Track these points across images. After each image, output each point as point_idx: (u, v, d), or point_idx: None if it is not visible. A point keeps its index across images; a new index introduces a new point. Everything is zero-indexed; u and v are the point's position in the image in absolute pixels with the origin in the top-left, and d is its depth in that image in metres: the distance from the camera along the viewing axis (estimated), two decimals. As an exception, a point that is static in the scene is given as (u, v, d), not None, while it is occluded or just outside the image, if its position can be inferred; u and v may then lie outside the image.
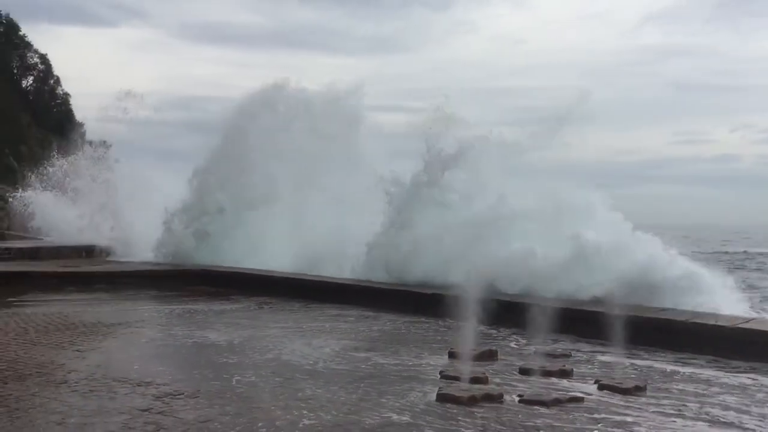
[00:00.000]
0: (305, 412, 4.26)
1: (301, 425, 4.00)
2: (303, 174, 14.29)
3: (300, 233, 13.45)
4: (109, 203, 17.40)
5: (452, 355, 5.91)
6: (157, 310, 8.91)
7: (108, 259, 14.87)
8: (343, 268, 11.59)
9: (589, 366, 5.75)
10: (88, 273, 11.91)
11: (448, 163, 10.93)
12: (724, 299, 8.09)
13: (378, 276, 10.44)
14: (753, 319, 7.03)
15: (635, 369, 5.68)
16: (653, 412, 4.44)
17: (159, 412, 4.21)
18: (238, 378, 5.08)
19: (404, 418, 4.16)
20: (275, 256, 12.88)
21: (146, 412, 4.20)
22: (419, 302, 8.75)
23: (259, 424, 3.99)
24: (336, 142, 14.61)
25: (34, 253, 14.87)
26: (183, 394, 4.64)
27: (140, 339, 6.84)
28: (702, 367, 5.80)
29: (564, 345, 6.61)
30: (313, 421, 4.07)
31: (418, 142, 11.55)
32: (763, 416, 4.42)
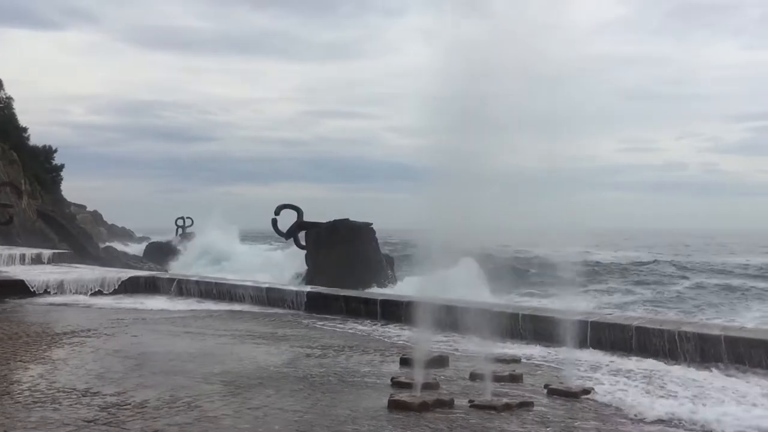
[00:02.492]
0: (255, 421, 4.22)
1: (251, 434, 3.96)
2: None
3: None
4: None
5: (404, 362, 5.92)
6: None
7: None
8: None
9: (539, 370, 5.82)
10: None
11: None
12: None
13: None
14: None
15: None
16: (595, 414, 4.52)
17: (105, 423, 4.12)
18: (187, 387, 5.00)
19: (355, 426, 4.15)
20: None
21: (92, 423, 4.11)
22: (371, 307, 8.77)
23: (209, 434, 3.95)
24: None
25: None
26: (130, 404, 4.56)
27: (86, 348, 6.69)
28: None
29: (513, 349, 6.68)
30: (262, 430, 4.03)
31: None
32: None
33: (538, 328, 7.26)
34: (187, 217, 46.96)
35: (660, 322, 7.16)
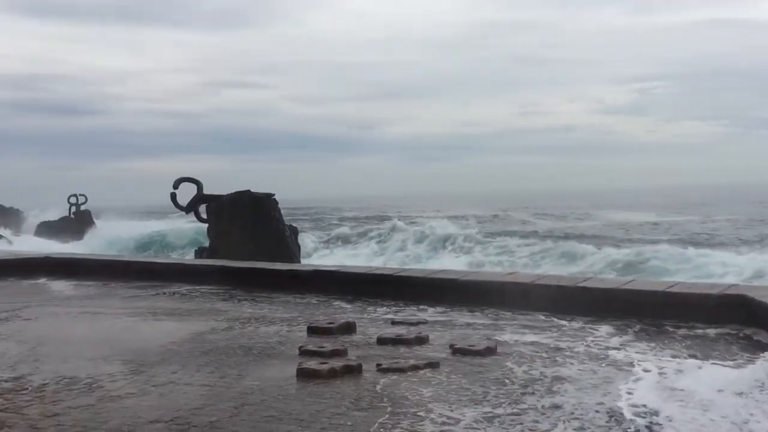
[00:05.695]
0: (162, 398, 4.15)
1: (157, 412, 3.89)
2: None
3: None
4: None
5: (311, 330, 5.93)
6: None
7: None
8: None
9: (444, 331, 5.95)
10: None
11: None
12: None
13: None
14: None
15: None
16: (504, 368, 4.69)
17: (1, 410, 3.96)
18: (87, 368, 4.85)
19: (263, 397, 4.14)
20: None
21: (-14, 411, 3.94)
22: (274, 278, 8.72)
23: (112, 415, 3.85)
24: None
25: None
26: (27, 389, 4.39)
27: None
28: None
29: (415, 312, 6.80)
30: (171, 407, 3.97)
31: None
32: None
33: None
34: (81, 194, 45.22)
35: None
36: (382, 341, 5.52)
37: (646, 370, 4.65)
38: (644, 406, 3.92)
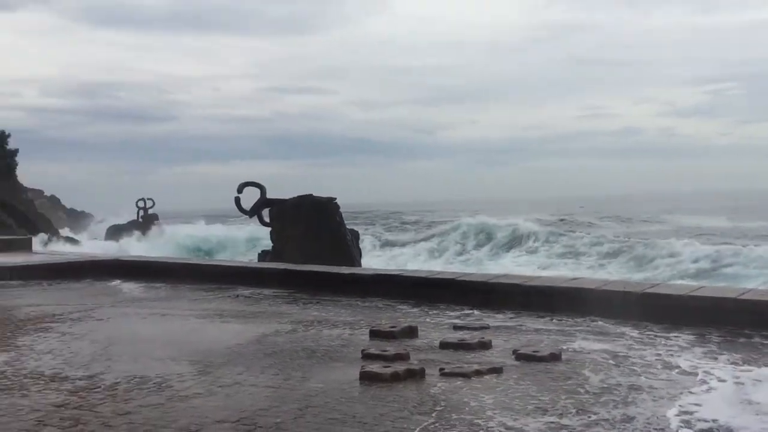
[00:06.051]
0: (228, 399, 4.22)
1: (224, 413, 3.97)
2: None
3: None
4: None
5: (374, 334, 5.96)
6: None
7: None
8: None
9: (508, 336, 5.90)
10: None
11: None
12: None
13: None
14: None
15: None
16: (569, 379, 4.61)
17: (75, 407, 4.09)
18: (157, 368, 4.98)
19: (327, 399, 4.18)
20: None
21: (62, 408, 4.08)
22: (337, 282, 8.79)
23: (181, 414, 3.94)
24: None
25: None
26: (100, 387, 4.53)
27: (51, 334, 6.60)
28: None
29: (479, 317, 6.76)
30: (237, 408, 4.04)
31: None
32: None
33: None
34: (148, 198, 46.49)
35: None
36: (444, 345, 5.50)
37: (721, 380, 4.50)
38: (714, 420, 3.76)
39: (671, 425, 3.69)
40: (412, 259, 32.96)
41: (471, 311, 7.11)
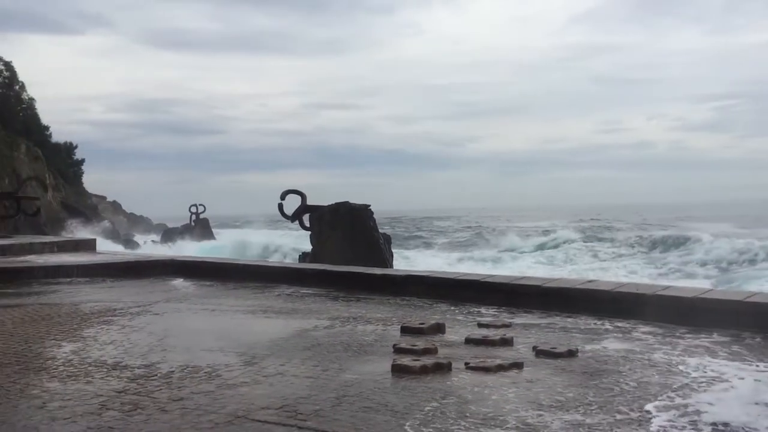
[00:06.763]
0: (271, 387, 4.28)
1: (268, 400, 4.02)
2: None
3: None
4: None
5: (404, 330, 5.97)
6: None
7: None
8: None
9: (528, 334, 5.87)
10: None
11: None
12: None
13: None
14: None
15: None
16: (582, 373, 4.58)
17: (135, 393, 4.17)
18: (207, 358, 5.05)
19: (361, 389, 4.21)
20: None
21: (122, 394, 4.16)
22: (371, 282, 8.81)
23: (229, 401, 4.00)
24: None
25: None
26: (156, 375, 4.61)
27: (113, 327, 6.73)
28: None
29: (502, 315, 6.73)
30: (279, 396, 4.09)
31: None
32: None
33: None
34: (200, 204, 47.11)
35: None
36: (469, 341, 5.50)
37: (740, 378, 4.42)
38: (726, 424, 3.61)
39: (687, 426, 3.62)
40: (440, 260, 32.91)
41: (494, 310, 7.09)
